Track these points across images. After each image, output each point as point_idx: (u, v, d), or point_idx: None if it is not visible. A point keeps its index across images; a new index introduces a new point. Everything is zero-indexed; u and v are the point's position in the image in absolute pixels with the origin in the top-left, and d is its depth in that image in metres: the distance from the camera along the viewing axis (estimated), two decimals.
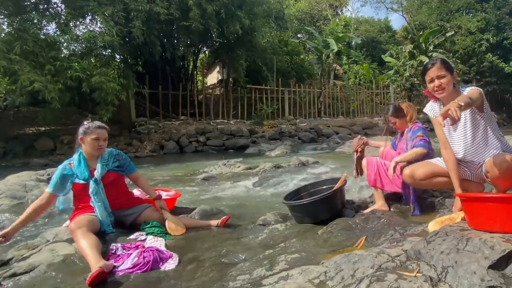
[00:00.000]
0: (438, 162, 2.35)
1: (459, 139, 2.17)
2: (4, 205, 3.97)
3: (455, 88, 2.14)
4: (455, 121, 2.10)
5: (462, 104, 1.68)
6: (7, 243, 2.37)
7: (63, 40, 9.09)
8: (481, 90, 2.04)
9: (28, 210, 2.41)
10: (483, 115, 2.09)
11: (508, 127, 17.98)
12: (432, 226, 1.95)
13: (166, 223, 2.58)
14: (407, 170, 2.40)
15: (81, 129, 2.56)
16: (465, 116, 2.11)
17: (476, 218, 1.62)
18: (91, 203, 2.49)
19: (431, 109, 2.30)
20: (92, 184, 2.48)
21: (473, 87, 2.05)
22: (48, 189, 2.48)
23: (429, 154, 2.57)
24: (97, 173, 2.53)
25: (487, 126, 2.10)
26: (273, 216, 2.86)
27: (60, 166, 2.54)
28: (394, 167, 2.46)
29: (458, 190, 2.15)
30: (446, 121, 2.13)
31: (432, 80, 2.13)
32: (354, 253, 1.69)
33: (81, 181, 2.49)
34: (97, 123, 2.60)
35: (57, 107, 8.07)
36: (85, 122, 2.60)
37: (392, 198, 2.91)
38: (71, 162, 2.56)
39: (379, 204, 2.75)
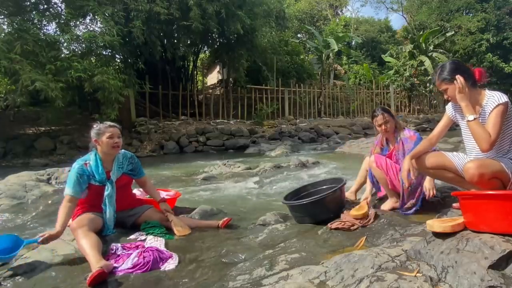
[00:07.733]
0: (452, 157, 2.30)
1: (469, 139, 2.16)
2: (4, 205, 3.97)
3: (474, 88, 2.06)
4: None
5: None
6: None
7: (63, 40, 9.06)
8: (506, 105, 1.95)
9: (63, 216, 2.25)
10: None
11: None
12: (432, 225, 1.94)
13: (172, 224, 2.57)
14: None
15: (92, 132, 2.50)
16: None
17: (474, 216, 1.58)
18: (103, 206, 2.46)
19: (450, 107, 2.31)
20: (108, 186, 2.46)
21: (496, 108, 1.95)
22: (69, 193, 2.32)
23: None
24: (113, 175, 2.51)
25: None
26: (273, 216, 2.86)
27: (76, 167, 2.40)
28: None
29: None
30: (462, 116, 2.16)
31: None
32: (354, 253, 1.69)
33: (97, 183, 2.44)
34: (107, 123, 2.56)
35: (61, 105, 8.02)
36: (94, 125, 2.54)
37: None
38: (87, 162, 2.46)
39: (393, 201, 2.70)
